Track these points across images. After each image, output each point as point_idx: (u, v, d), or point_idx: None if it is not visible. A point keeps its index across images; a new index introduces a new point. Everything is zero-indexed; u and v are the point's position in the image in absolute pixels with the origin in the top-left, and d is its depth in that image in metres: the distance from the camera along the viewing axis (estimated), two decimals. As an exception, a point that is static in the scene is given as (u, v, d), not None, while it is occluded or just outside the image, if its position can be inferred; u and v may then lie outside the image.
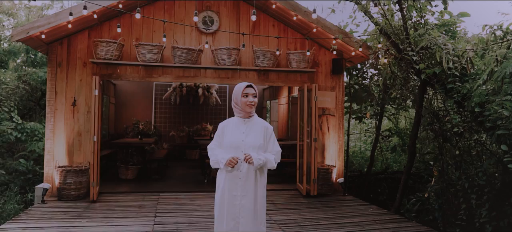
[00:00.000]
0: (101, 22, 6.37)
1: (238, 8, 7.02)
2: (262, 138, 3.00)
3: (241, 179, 2.91)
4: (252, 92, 2.98)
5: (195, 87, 11.52)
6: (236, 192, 2.89)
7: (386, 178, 9.33)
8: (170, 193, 6.65)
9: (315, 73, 7.18)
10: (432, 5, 5.86)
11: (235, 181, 2.91)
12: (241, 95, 2.97)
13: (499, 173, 4.99)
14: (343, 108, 7.47)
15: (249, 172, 2.91)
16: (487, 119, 4.51)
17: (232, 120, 3.08)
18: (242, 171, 2.91)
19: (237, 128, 3.00)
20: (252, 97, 2.97)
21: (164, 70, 6.63)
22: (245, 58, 6.96)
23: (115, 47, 6.08)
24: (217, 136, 3.06)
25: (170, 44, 6.48)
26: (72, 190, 5.96)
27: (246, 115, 3.01)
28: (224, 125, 3.07)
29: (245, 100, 2.96)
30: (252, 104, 2.97)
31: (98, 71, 6.35)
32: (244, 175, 2.91)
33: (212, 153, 2.99)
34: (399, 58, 5.91)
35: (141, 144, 8.62)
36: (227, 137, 2.97)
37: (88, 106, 6.32)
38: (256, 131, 3.01)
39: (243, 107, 2.97)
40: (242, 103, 2.97)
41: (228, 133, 2.99)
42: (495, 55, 3.45)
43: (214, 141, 3.09)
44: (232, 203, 2.88)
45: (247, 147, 2.89)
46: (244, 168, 2.91)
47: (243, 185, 2.90)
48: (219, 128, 3.07)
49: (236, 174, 2.91)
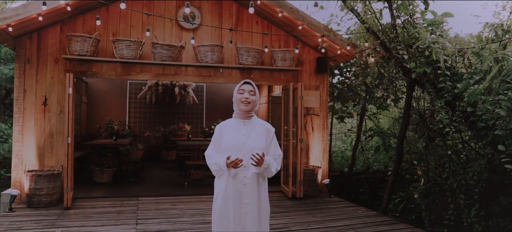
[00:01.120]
0: (75, 15, 5.94)
1: (220, 3, 6.75)
2: (264, 140, 2.77)
3: (246, 185, 2.65)
4: (249, 89, 2.75)
5: (171, 86, 11.14)
6: (240, 199, 2.64)
7: (367, 178, 9.32)
8: (150, 197, 6.30)
9: (299, 72, 7.02)
10: (414, 5, 5.82)
11: (239, 188, 2.65)
12: (237, 91, 2.74)
13: (487, 172, 4.98)
14: (327, 107, 7.35)
15: (253, 178, 2.67)
16: (479, 119, 4.47)
17: (230, 121, 2.82)
18: (247, 177, 2.66)
19: (237, 129, 2.75)
20: (249, 94, 2.73)
21: (143, 67, 6.27)
22: (228, 55, 6.70)
23: (91, 42, 5.68)
24: (215, 140, 2.78)
25: (149, 40, 6.14)
26: (43, 196, 5.51)
27: (244, 115, 2.76)
28: (222, 127, 2.80)
29: (240, 96, 2.73)
30: (248, 101, 2.72)
31: (72, 68, 5.92)
32: (249, 181, 2.66)
33: (212, 160, 2.72)
34: (386, 57, 5.83)
35: (116, 145, 8.20)
36: (226, 139, 2.71)
37: (61, 105, 5.89)
38: (258, 133, 2.78)
39: (238, 104, 2.74)
40: (237, 100, 2.74)
41: (227, 135, 2.73)
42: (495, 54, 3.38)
43: (211, 146, 2.80)
44: (238, 211, 2.63)
45: (249, 150, 2.63)
46: (249, 173, 2.66)
47: (248, 192, 2.65)
48: (216, 131, 2.79)
49: (240, 180, 2.65)
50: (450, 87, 4.80)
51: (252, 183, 2.66)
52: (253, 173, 2.65)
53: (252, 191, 2.66)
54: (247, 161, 2.63)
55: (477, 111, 4.44)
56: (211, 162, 2.71)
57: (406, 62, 5.03)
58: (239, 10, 6.83)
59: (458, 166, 5.28)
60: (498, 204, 4.79)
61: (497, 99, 4.18)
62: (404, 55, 5.07)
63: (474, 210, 4.89)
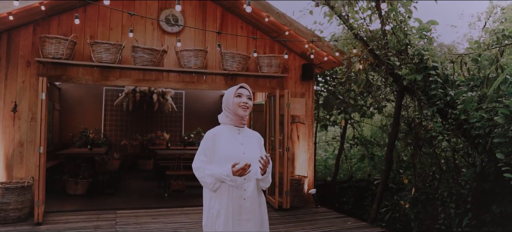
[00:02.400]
0: (50, 15, 5.56)
1: (204, 7, 6.51)
2: (259, 151, 2.54)
3: (246, 200, 2.38)
4: (246, 93, 2.48)
5: (149, 93, 10.76)
6: (239, 216, 2.37)
7: (351, 186, 9.22)
8: (128, 210, 5.93)
9: (285, 79, 6.85)
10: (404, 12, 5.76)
11: (238, 203, 2.37)
12: (234, 95, 2.45)
13: (477, 181, 4.92)
14: (313, 115, 7.20)
15: (254, 191, 2.43)
16: (472, 127, 4.40)
17: (222, 128, 2.52)
18: (247, 191, 2.40)
19: (232, 138, 2.46)
20: (247, 99, 2.47)
21: (123, 72, 5.94)
22: (212, 61, 6.46)
23: (66, 45, 5.31)
24: (206, 150, 2.43)
25: (130, 43, 5.82)
26: (11, 211, 5.06)
27: (240, 122, 2.49)
28: (214, 134, 2.47)
29: (238, 100, 2.44)
30: (247, 106, 2.45)
31: (45, 72, 5.52)
32: (249, 194, 2.40)
33: (205, 173, 2.36)
34: (375, 64, 5.73)
35: (91, 155, 7.76)
36: (223, 148, 2.41)
37: (33, 112, 5.47)
38: (253, 142, 2.53)
39: (234, 109, 2.44)
40: (234, 105, 2.44)
41: (222, 143, 2.43)
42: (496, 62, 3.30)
43: (200, 157, 2.44)
44: (237, 230, 2.35)
45: (249, 161, 2.38)
46: (250, 187, 2.41)
47: (248, 207, 2.39)
48: (208, 139, 2.45)
49: (239, 194, 2.38)
50: (442, 95, 4.72)
51: (252, 197, 2.41)
52: (254, 185, 2.40)
53: (253, 206, 2.40)
54: (247, 174, 2.39)
55: (470, 119, 4.36)
56: (205, 174, 2.36)
57: (398, 69, 4.94)
58: (223, 14, 6.61)
59: (448, 175, 5.20)
60: (490, 213, 4.73)
61: (492, 107, 4.11)
62: (395, 62, 4.97)
63: (466, 219, 4.81)
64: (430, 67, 4.87)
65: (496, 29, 3.42)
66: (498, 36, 3.31)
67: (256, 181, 2.43)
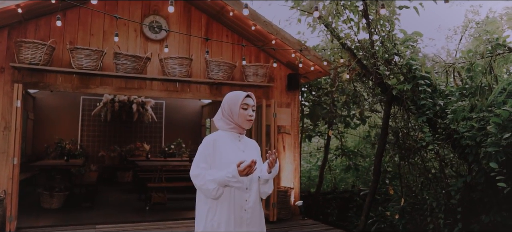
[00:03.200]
0: (27, 19, 5.29)
1: (189, 14, 6.36)
2: (259, 160, 2.41)
3: (247, 211, 2.23)
4: (252, 104, 2.34)
5: (128, 103, 10.47)
6: (241, 228, 2.20)
7: (335, 198, 9.15)
8: (108, 225, 5.64)
9: (270, 88, 6.75)
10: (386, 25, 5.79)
11: (239, 214, 2.20)
12: (240, 106, 2.29)
13: (466, 191, 4.92)
14: (299, 126, 7.12)
15: (256, 201, 2.28)
16: (462, 137, 4.40)
17: (222, 134, 2.35)
18: (249, 201, 2.24)
19: (234, 144, 2.31)
20: (252, 111, 2.34)
21: (104, 80, 5.70)
22: (197, 70, 6.29)
23: (44, 50, 5.04)
24: (206, 156, 2.24)
25: (112, 49, 5.60)
26: (-19, 226, 4.73)
27: (241, 130, 2.36)
28: (214, 140, 2.28)
29: (245, 113, 2.30)
30: (252, 119, 2.34)
31: (21, 78, 5.23)
32: (251, 205, 2.24)
33: (206, 179, 2.16)
34: (363, 74, 5.71)
35: (68, 166, 7.42)
36: (225, 155, 2.23)
37: (6, 120, 5.15)
38: (253, 151, 2.40)
39: (241, 121, 2.30)
40: (241, 117, 2.29)
41: (224, 150, 2.25)
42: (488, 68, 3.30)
43: (199, 163, 2.24)
44: None
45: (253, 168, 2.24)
46: (251, 196, 2.25)
47: (249, 219, 2.22)
48: (208, 144, 2.26)
49: (241, 205, 2.22)
50: (431, 104, 4.72)
51: (254, 208, 2.25)
52: (255, 195, 2.26)
53: (254, 218, 2.24)
54: (251, 182, 2.24)
55: (460, 129, 4.36)
56: (206, 180, 2.15)
57: (388, 78, 4.91)
58: (208, 22, 6.48)
59: (436, 185, 5.19)
60: (479, 222, 4.72)
61: (482, 116, 4.11)
62: (385, 71, 4.95)
63: (456, 229, 4.78)
64: (418, 77, 4.87)
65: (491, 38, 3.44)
66: (493, 44, 3.32)
67: (257, 191, 2.29)
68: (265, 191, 2.34)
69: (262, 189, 2.32)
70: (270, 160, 2.19)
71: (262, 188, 2.32)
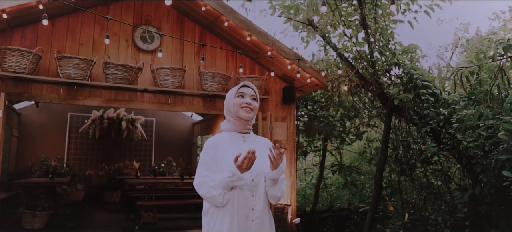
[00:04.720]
0: (12, 27, 5.05)
1: (182, 25, 6.20)
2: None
3: (254, 221, 1.97)
4: (250, 93, 2.10)
5: (118, 120, 10.16)
6: None
7: (331, 216, 8.88)
8: (95, 245, 5.30)
9: (266, 101, 6.56)
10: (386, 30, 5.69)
11: (245, 225, 1.96)
12: (235, 96, 2.08)
13: (473, 205, 4.73)
14: (295, 140, 6.90)
15: (264, 209, 2.03)
16: (469, 146, 4.23)
17: (224, 135, 2.12)
18: (255, 210, 2.00)
19: (237, 146, 2.05)
20: (250, 99, 2.09)
21: (92, 91, 5.45)
22: (190, 81, 6.09)
23: (30, 58, 4.79)
24: (209, 162, 2.01)
25: (101, 59, 5.37)
26: (-45, 246, 4.35)
27: (244, 126, 2.10)
28: (214, 142, 2.07)
29: (239, 101, 2.06)
30: (251, 107, 2.07)
31: (4, 87, 4.94)
32: (258, 214, 1.99)
33: (210, 185, 1.93)
34: (361, 86, 5.56)
35: (52, 185, 7.06)
36: (227, 156, 1.98)
37: (-13, 133, 4.85)
38: (262, 151, 2.07)
39: (236, 111, 2.06)
40: (235, 106, 2.06)
41: (225, 153, 2.01)
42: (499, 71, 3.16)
43: (202, 172, 2.01)
44: None
45: (258, 174, 2.00)
46: (258, 205, 2.00)
47: (257, 228, 1.98)
48: (208, 149, 2.04)
49: (246, 214, 1.98)
50: (434, 114, 4.56)
51: (262, 217, 1.99)
52: (263, 203, 2.02)
53: (263, 227, 2.00)
54: (257, 187, 2.00)
55: (466, 138, 4.19)
56: (210, 187, 1.93)
57: (390, 89, 4.76)
58: (202, 33, 6.31)
59: (441, 199, 4.99)
60: (487, 238, 4.51)
61: (489, 124, 3.96)
62: (387, 81, 4.81)
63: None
64: (420, 86, 4.73)
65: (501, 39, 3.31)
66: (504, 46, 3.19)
67: (265, 196, 2.05)
68: (274, 195, 2.06)
69: (270, 192, 2.05)
70: (273, 155, 1.91)
71: (270, 191, 2.05)
